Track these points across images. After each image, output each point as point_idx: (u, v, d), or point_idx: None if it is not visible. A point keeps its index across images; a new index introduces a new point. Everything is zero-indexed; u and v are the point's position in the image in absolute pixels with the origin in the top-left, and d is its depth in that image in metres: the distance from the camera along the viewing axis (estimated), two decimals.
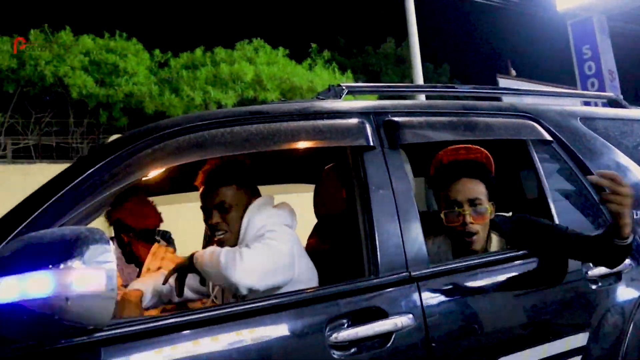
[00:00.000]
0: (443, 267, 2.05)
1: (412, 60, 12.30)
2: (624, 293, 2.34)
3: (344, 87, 2.41)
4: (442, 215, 2.25)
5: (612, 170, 2.48)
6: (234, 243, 2.15)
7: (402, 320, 1.83)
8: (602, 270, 2.26)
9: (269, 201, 2.27)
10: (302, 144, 2.01)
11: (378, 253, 1.92)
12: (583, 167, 2.49)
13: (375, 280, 1.89)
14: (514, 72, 16.11)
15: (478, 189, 2.22)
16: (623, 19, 14.50)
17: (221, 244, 2.15)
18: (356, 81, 13.98)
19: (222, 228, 2.17)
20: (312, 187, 2.74)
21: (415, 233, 2.01)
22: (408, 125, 2.19)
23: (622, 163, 2.63)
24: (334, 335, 1.74)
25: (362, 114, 2.16)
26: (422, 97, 9.10)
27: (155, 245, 2.94)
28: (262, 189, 2.38)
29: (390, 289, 1.89)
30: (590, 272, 2.26)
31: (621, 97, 3.22)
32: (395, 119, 2.19)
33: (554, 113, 2.62)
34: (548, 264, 2.22)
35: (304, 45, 13.67)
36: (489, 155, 2.33)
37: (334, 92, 2.38)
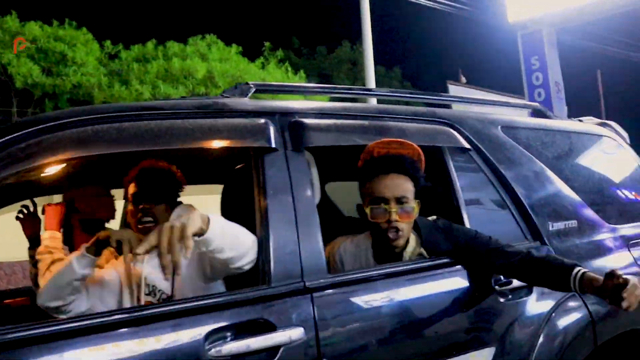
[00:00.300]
0: (342, 278, 1.96)
1: (364, 63, 12.28)
2: (534, 306, 2.28)
3: (251, 85, 2.29)
4: (367, 210, 2.14)
5: (529, 178, 2.54)
6: None
7: (291, 334, 1.72)
8: (514, 283, 2.21)
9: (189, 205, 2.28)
10: (198, 144, 1.90)
11: (271, 261, 1.82)
12: (500, 177, 2.46)
13: (264, 291, 1.78)
14: (464, 80, 16.30)
15: (406, 186, 2.13)
16: (571, 34, 14.84)
17: (146, 230, 2.09)
18: (308, 82, 13.89)
19: (149, 215, 2.16)
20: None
21: (314, 241, 1.92)
22: (314, 127, 2.10)
23: (540, 173, 2.61)
24: (215, 349, 1.62)
25: (267, 114, 2.07)
26: (373, 101, 9.03)
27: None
28: None
29: (282, 300, 1.77)
30: (499, 286, 2.19)
31: (546, 107, 3.24)
32: (302, 120, 2.10)
33: (474, 120, 2.57)
34: (456, 275, 2.15)
35: (258, 43, 13.54)
36: (421, 152, 2.23)
37: (241, 89, 2.25)
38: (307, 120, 2.11)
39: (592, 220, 2.65)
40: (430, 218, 2.27)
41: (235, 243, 1.80)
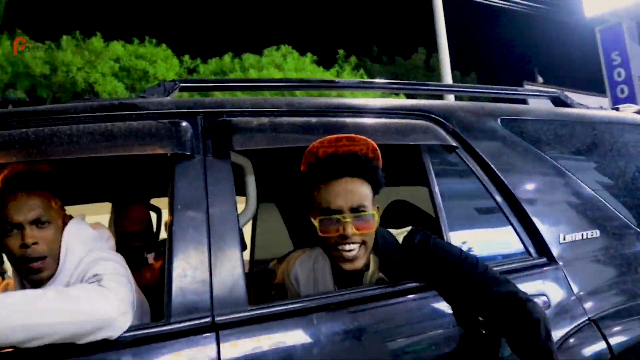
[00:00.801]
0: (266, 310, 1.57)
1: (441, 69, 11.92)
2: None
3: (176, 83, 1.97)
4: (315, 223, 1.71)
5: (535, 180, 2.09)
6: (52, 272, 1.68)
7: None
8: None
9: (84, 221, 1.83)
10: (95, 151, 1.59)
11: (172, 291, 1.48)
12: (495, 179, 2.01)
13: (160, 328, 1.45)
14: (540, 79, 15.70)
15: (363, 192, 1.70)
16: None
17: (37, 272, 1.66)
18: None
19: (39, 251, 1.65)
20: None
21: (232, 266, 1.56)
22: (245, 127, 1.76)
23: (550, 173, 2.14)
24: None
25: (185, 114, 1.73)
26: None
27: None
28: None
29: (181, 339, 1.43)
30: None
31: (566, 94, 2.69)
32: (230, 120, 1.76)
33: (466, 112, 2.14)
34: (424, 303, 1.73)
35: (332, 51, 13.41)
36: (376, 147, 1.78)
37: (164, 87, 1.93)
38: (236, 120, 1.76)
39: (623, 228, 2.15)
40: (402, 230, 1.84)
41: (38, 333, 1.35)
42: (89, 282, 1.53)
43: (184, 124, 1.70)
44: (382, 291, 1.70)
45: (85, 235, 1.76)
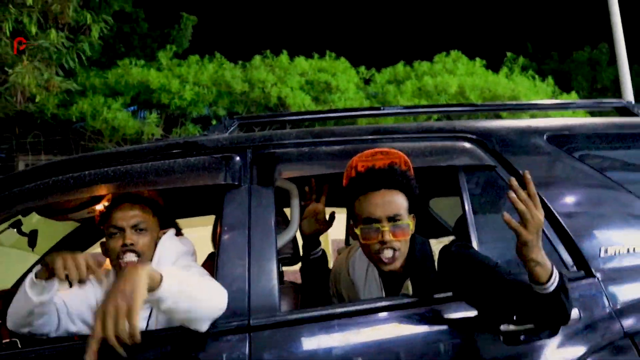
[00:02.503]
0: (296, 316, 1.76)
1: (618, 63, 10.89)
2: (557, 353, 1.76)
3: (234, 120, 2.20)
4: (357, 232, 1.87)
5: (576, 194, 2.04)
6: None
7: None
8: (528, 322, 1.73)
9: (174, 236, 2.10)
10: (160, 184, 1.88)
11: None
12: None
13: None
14: None
15: (399, 202, 1.85)
16: None
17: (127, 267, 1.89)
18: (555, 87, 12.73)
19: (134, 250, 1.94)
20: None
21: (267, 279, 1.76)
22: (287, 158, 1.94)
23: (597, 187, 2.06)
24: None
25: (236, 148, 1.96)
26: None
27: None
28: None
29: (219, 339, 1.66)
30: (504, 326, 1.72)
31: (632, 103, 2.48)
32: (274, 152, 1.95)
33: (509, 131, 2.14)
34: (437, 315, 1.77)
35: (497, 54, 12.84)
36: (407, 159, 1.93)
37: (224, 125, 2.18)
38: (279, 152, 1.95)
39: None
40: (445, 239, 1.94)
41: (192, 306, 1.59)
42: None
43: (235, 157, 1.92)
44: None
45: (176, 248, 2.03)
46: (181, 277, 1.62)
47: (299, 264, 2.33)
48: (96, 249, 2.64)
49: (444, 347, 1.75)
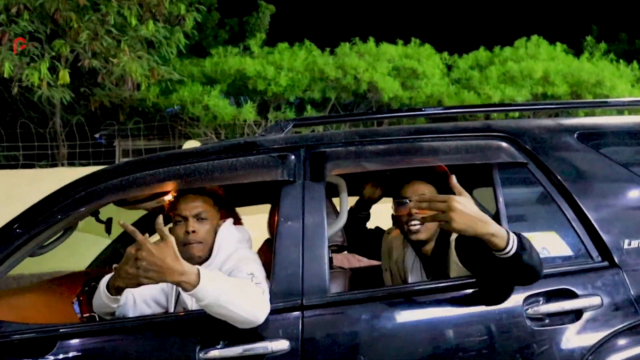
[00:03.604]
0: (343, 297, 1.99)
1: None
2: (579, 335, 1.90)
3: (289, 122, 2.38)
4: (392, 206, 2.35)
5: (603, 190, 2.13)
6: (204, 255, 2.16)
7: (275, 345, 1.82)
8: (551, 307, 1.92)
9: (232, 225, 2.28)
10: (224, 180, 2.08)
11: (275, 280, 1.93)
12: (563, 190, 2.10)
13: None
14: None
15: (424, 189, 2.27)
16: None
17: (190, 253, 2.11)
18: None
19: (196, 238, 2.13)
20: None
21: (318, 264, 1.96)
22: (336, 156, 2.10)
23: (623, 183, 2.15)
24: (206, 353, 1.80)
25: (291, 148, 2.13)
26: None
27: None
28: None
29: (275, 316, 1.86)
30: (532, 309, 1.91)
31: None
32: (324, 150, 2.12)
33: (541, 129, 2.24)
34: (472, 298, 1.94)
35: (574, 38, 12.60)
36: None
37: (280, 126, 2.36)
38: (329, 150, 2.12)
39: None
40: None
41: (229, 308, 1.73)
42: (249, 278, 1.92)
43: (291, 156, 2.10)
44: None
45: (234, 236, 2.22)
46: (227, 282, 1.77)
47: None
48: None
49: (476, 329, 1.90)
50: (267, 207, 2.85)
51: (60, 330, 1.90)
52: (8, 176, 8.48)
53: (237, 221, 2.44)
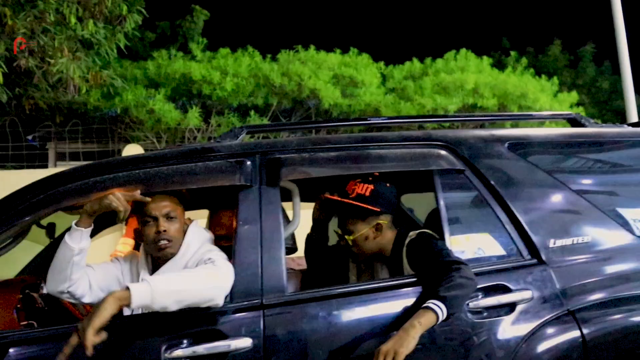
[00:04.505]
0: (299, 296, 2.14)
1: (620, 59, 11.26)
2: (513, 326, 2.13)
3: (243, 129, 2.45)
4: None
5: (532, 195, 2.35)
6: (174, 252, 2.23)
7: (239, 343, 1.91)
8: (489, 301, 2.12)
9: (199, 225, 2.39)
10: (184, 185, 2.17)
11: (236, 280, 2.01)
12: (496, 195, 2.31)
13: (227, 305, 1.99)
14: None
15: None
16: None
17: (162, 251, 2.21)
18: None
19: (166, 237, 2.21)
20: None
21: (276, 265, 2.07)
22: (289, 162, 2.21)
23: (549, 189, 2.39)
24: (170, 353, 1.88)
25: (247, 153, 2.23)
26: None
27: None
28: None
29: (237, 315, 1.97)
30: (472, 303, 2.10)
31: (581, 115, 2.83)
32: (278, 157, 2.22)
33: (476, 139, 2.46)
34: (417, 295, 2.11)
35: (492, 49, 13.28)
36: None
37: (233, 133, 2.43)
38: (283, 157, 2.22)
39: (615, 234, 2.36)
40: (415, 232, 2.34)
41: (184, 297, 1.86)
42: (206, 263, 2.03)
43: (247, 162, 2.20)
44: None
45: (202, 235, 2.32)
46: (169, 279, 1.91)
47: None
48: (100, 238, 2.98)
49: None
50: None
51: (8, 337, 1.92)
52: None
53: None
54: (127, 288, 1.80)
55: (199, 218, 2.77)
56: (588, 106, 15.94)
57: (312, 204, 2.78)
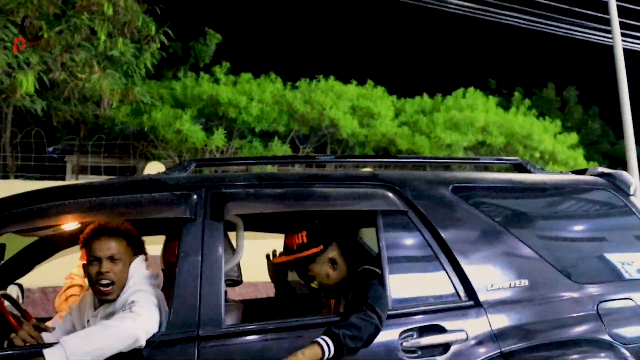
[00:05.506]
0: (237, 329, 2.11)
1: (621, 102, 11.96)
2: None
3: (192, 162, 2.44)
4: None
5: (471, 237, 2.34)
6: (116, 295, 2.17)
7: None
8: (425, 340, 2.10)
9: (144, 262, 2.31)
10: (128, 215, 2.17)
11: (172, 311, 2.00)
12: (437, 237, 2.29)
13: (162, 337, 1.96)
14: None
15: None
16: None
17: (104, 294, 2.16)
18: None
19: (107, 278, 2.15)
20: None
21: (215, 298, 2.03)
22: (234, 197, 2.19)
23: (489, 232, 2.39)
24: None
25: (193, 187, 2.20)
26: None
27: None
28: None
29: (174, 346, 1.94)
30: (406, 343, 2.08)
31: (527, 160, 2.82)
32: (224, 191, 2.20)
33: (422, 182, 2.42)
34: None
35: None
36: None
37: (183, 166, 2.41)
38: (229, 191, 2.20)
39: (553, 279, 2.35)
40: (362, 267, 2.32)
41: (102, 353, 1.85)
42: (127, 307, 2.01)
43: (193, 195, 2.17)
44: None
45: (142, 273, 2.24)
46: (86, 338, 1.88)
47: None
48: (58, 258, 2.92)
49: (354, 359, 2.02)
50: None
51: None
52: None
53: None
54: (42, 354, 1.78)
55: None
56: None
57: (259, 234, 2.80)
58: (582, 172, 2.86)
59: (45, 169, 9.92)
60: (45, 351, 1.77)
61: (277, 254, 2.56)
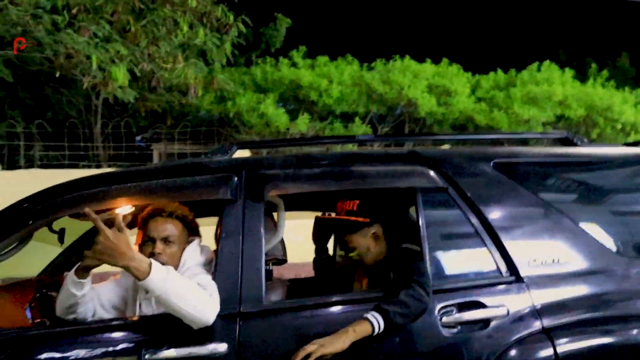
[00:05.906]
0: (276, 306, 2.17)
1: None
2: (487, 342, 2.09)
3: (233, 145, 2.49)
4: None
5: (513, 213, 2.30)
6: None
7: (216, 347, 1.96)
8: (465, 316, 2.09)
9: (198, 245, 2.33)
10: (173, 198, 2.24)
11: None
12: (478, 213, 2.26)
13: None
14: None
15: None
16: None
17: None
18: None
19: (161, 259, 2.13)
20: None
21: (255, 274, 2.09)
22: (274, 179, 2.23)
23: (532, 208, 2.33)
24: (151, 355, 1.94)
25: (234, 168, 2.26)
26: None
27: None
28: None
29: (215, 321, 1.97)
30: (445, 318, 2.08)
31: (572, 134, 2.70)
32: (263, 173, 2.25)
33: (462, 158, 2.39)
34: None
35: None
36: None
37: (223, 149, 2.47)
38: (268, 173, 2.25)
39: (598, 254, 2.29)
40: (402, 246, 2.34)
41: (180, 303, 1.88)
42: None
43: (234, 177, 2.23)
44: None
45: (196, 259, 2.27)
46: (179, 278, 1.93)
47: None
48: None
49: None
50: None
51: (11, 334, 2.01)
52: (56, 175, 8.44)
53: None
54: (150, 264, 1.88)
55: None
56: None
57: (299, 213, 2.82)
58: (637, 144, 2.75)
59: (134, 157, 10.29)
60: (154, 263, 1.91)
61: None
